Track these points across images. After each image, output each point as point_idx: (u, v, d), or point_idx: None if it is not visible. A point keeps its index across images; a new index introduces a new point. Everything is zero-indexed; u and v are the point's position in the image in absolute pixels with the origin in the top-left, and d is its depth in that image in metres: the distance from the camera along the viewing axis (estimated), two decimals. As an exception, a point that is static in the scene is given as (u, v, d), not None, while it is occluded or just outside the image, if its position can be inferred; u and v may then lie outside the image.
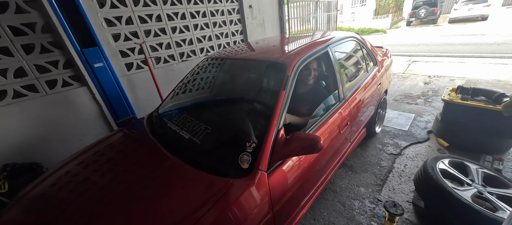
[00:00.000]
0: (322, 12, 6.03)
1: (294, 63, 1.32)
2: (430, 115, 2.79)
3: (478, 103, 1.84)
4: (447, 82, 4.19)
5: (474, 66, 5.62)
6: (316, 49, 1.53)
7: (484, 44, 7.35)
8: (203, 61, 1.97)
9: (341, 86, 1.63)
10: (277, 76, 1.37)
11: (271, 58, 1.51)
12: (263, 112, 1.29)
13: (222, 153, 1.18)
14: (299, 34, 2.34)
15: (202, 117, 1.43)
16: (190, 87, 1.86)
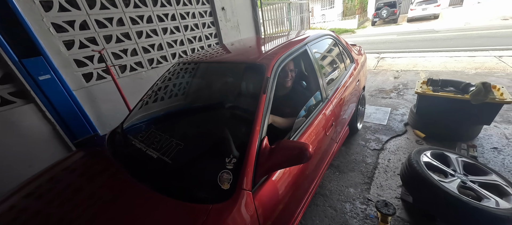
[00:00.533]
0: (295, 14, 6.13)
1: (272, 63, 1.21)
2: (404, 107, 2.92)
3: (448, 94, 1.93)
4: (413, 76, 4.50)
5: (433, 59, 6.17)
6: (295, 48, 1.44)
7: (438, 39, 8.16)
8: (174, 66, 1.76)
9: (323, 86, 1.57)
10: (255, 79, 1.25)
11: (247, 59, 1.40)
12: (243, 121, 1.15)
13: (198, 173, 0.99)
14: (275, 34, 2.30)
15: (173, 131, 1.27)
16: (158, 98, 1.63)
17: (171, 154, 1.07)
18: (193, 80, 1.73)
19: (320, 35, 1.83)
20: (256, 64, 1.26)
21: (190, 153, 1.09)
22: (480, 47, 6.42)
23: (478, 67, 4.92)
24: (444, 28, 10.33)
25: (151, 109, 1.58)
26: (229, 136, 1.06)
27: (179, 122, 1.49)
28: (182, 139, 1.14)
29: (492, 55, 5.70)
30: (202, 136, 1.26)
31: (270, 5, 5.09)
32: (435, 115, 2.08)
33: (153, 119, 1.52)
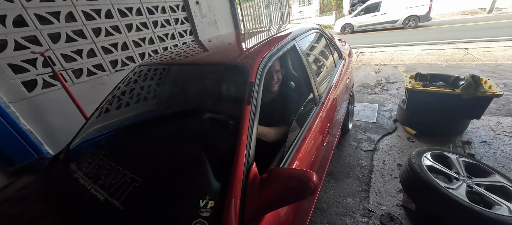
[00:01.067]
0: (274, 10, 5.94)
1: (257, 63, 0.96)
2: (391, 103, 2.89)
3: (439, 89, 1.87)
4: (393, 70, 4.58)
5: (407, 52, 6.42)
6: (282, 44, 1.19)
7: (410, 34, 8.59)
8: (134, 70, 1.41)
9: (315, 86, 1.33)
10: (236, 86, 1.00)
11: (226, 60, 1.12)
12: (221, 144, 0.87)
13: None
14: (257, 28, 1.98)
15: (127, 161, 0.95)
16: (109, 114, 1.26)
17: (123, 195, 0.76)
18: (156, 89, 1.34)
19: (308, 29, 1.60)
20: (237, 66, 0.98)
21: (149, 193, 0.78)
22: (447, 41, 6.83)
23: (449, 59, 5.19)
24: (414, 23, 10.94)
25: (101, 127, 1.21)
26: (203, 168, 0.77)
27: (134, 149, 1.07)
28: (138, 173, 0.83)
29: (459, 47, 6.08)
30: (167, 168, 0.90)
31: (249, 1, 4.83)
32: (425, 110, 2.02)
33: (103, 141, 1.16)
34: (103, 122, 1.24)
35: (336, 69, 1.85)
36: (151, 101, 1.33)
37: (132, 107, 1.27)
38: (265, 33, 1.46)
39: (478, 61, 4.64)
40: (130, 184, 0.79)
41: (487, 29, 7.32)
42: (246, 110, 0.81)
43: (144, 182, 0.79)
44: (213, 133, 0.96)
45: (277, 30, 1.49)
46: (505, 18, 8.54)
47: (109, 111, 1.27)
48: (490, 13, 10.16)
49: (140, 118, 1.27)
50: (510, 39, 5.97)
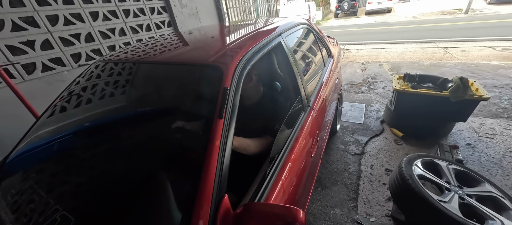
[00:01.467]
0: (262, 3, 5.71)
1: (234, 65, 0.77)
2: (378, 103, 2.85)
3: (428, 91, 1.82)
4: (378, 68, 4.60)
5: (391, 50, 6.54)
6: (267, 41, 1.01)
7: (394, 32, 8.78)
8: (89, 68, 1.18)
9: (303, 89, 1.17)
10: (206, 93, 0.81)
11: (195, 59, 0.90)
12: (182, 171, 0.69)
13: None
14: (240, 22, 1.76)
15: (60, 191, 0.74)
16: (52, 124, 1.03)
17: None
18: (112, 92, 1.07)
19: (295, 24, 1.42)
20: (209, 67, 0.80)
21: None
22: (428, 39, 7.04)
23: (430, 58, 5.34)
24: (397, 21, 11.24)
25: (41, 140, 0.96)
26: (158, 203, 0.60)
27: (72, 174, 0.83)
28: (73, 207, 0.64)
29: (439, 46, 6.29)
30: (108, 205, 0.68)
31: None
32: (413, 112, 1.98)
33: (38, 158, 0.92)
34: (45, 133, 1.00)
35: (325, 69, 1.70)
36: (102, 109, 1.06)
37: (78, 119, 1.03)
38: (249, 27, 1.27)
39: (457, 60, 4.80)
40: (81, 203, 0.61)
41: (463, 29, 7.65)
42: (217, 125, 0.63)
43: (77, 223, 0.59)
44: (174, 154, 0.75)
45: (262, 24, 1.31)
46: (479, 19, 9.00)
47: (54, 119, 1.04)
48: (466, 14, 10.65)
49: (83, 133, 1.01)
50: (484, 40, 6.27)
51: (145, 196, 0.63)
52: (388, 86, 3.25)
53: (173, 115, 0.89)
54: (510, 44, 5.64)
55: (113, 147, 0.90)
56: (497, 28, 7.14)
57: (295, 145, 0.95)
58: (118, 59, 1.08)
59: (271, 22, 1.36)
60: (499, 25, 7.47)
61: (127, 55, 1.09)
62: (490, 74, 3.33)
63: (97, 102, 1.05)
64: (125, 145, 0.90)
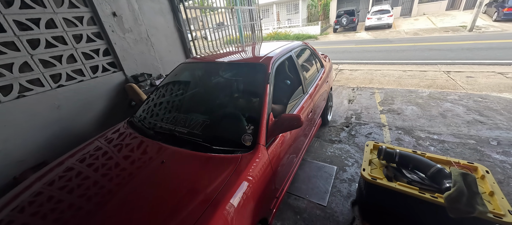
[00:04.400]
0: (243, 21, 5.24)
1: (271, 63, 1.62)
2: (355, 164, 2.15)
3: (411, 190, 1.14)
4: (369, 98, 3.97)
5: (388, 72, 5.93)
6: (284, 52, 1.91)
7: (392, 51, 8.20)
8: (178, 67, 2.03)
9: (303, 83, 1.99)
10: (260, 74, 1.57)
11: (253, 60, 1.82)
12: (256, 101, 1.49)
13: (227, 137, 1.37)
14: (263, 42, 2.74)
15: (197, 113, 1.63)
16: (171, 92, 1.95)
17: (199, 128, 1.39)
18: (204, 77, 2.11)
19: (299, 45, 2.30)
20: (259, 64, 1.65)
21: (217, 125, 1.47)
22: (429, 61, 6.43)
23: (431, 85, 4.70)
24: (397, 38, 10.68)
25: (167, 101, 1.87)
26: (246, 113, 1.47)
27: (200, 107, 1.80)
28: (207, 117, 1.51)
29: (441, 70, 5.66)
30: (225, 114, 1.60)
31: (207, 12, 4.07)
32: (389, 210, 1.31)
33: (173, 107, 1.83)
34: (163, 98, 1.88)
35: (318, 74, 2.51)
36: (203, 84, 2.07)
37: (192, 89, 2.02)
38: (273, 44, 2.19)
39: (462, 90, 4.14)
40: (203, 123, 1.42)
41: (468, 50, 7.03)
42: (266, 86, 1.45)
43: (212, 121, 1.46)
44: (253, 96, 1.59)
45: (281, 44, 2.11)
46: (485, 38, 8.37)
47: (168, 91, 1.94)
48: (470, 32, 10.06)
49: (197, 93, 1.99)
50: (492, 64, 5.62)
51: (243, 111, 1.52)
52: (373, 134, 2.57)
53: (247, 84, 1.79)
54: (522, 71, 4.98)
55: (223, 96, 1.84)
56: (506, 50, 6.49)
57: (301, 105, 1.82)
58: (206, 59, 2.07)
59: (286, 43, 2.18)
60: (508, 46, 6.83)
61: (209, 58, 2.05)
62: (504, 119, 2.63)
63: (199, 80, 2.08)
64: (229, 95, 1.82)
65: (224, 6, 4.17)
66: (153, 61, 3.08)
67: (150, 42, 3.01)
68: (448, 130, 2.46)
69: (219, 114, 1.58)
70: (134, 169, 1.16)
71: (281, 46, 2.00)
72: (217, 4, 3.97)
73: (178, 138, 1.35)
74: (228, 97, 1.77)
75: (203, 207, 0.90)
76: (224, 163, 1.12)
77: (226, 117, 1.53)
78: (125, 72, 2.74)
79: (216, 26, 3.99)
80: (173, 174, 1.12)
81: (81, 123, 2.40)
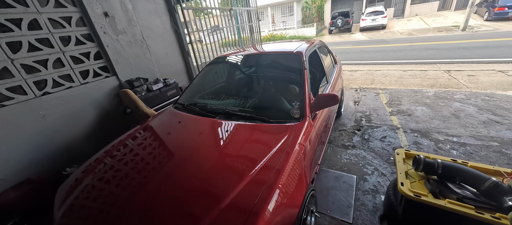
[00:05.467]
0: (241, 22, 5.09)
1: (304, 53, 1.90)
2: (375, 172, 1.95)
3: (467, 210, 0.97)
4: (374, 99, 3.85)
5: (388, 72, 5.86)
6: (311, 47, 2.18)
7: (390, 51, 8.19)
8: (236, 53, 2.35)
9: (326, 73, 2.30)
10: (298, 62, 1.85)
11: (289, 51, 2.05)
12: (298, 83, 1.71)
13: (278, 111, 1.58)
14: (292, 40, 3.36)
15: (246, 95, 1.88)
16: (217, 79, 2.31)
17: (250, 106, 1.64)
18: (246, 66, 2.33)
19: (320, 42, 2.65)
20: (295, 54, 1.93)
21: (267, 103, 1.71)
22: (428, 60, 6.41)
23: (434, 84, 4.63)
24: (392, 38, 10.73)
25: (216, 85, 2.24)
26: (291, 93, 1.70)
27: (248, 90, 2.06)
28: (255, 97, 1.80)
29: (441, 69, 5.62)
30: (273, 94, 1.84)
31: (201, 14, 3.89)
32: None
33: (221, 91, 2.04)
34: (209, 83, 2.25)
35: (334, 69, 2.80)
36: (248, 71, 2.29)
37: (238, 76, 2.30)
38: (304, 42, 2.34)
39: (466, 89, 4.08)
40: (252, 103, 1.67)
41: (464, 49, 7.06)
42: (304, 71, 1.71)
43: (260, 99, 1.72)
44: (293, 79, 1.78)
45: (309, 42, 2.31)
46: (479, 37, 8.47)
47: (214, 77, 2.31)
48: (464, 31, 10.20)
49: (243, 80, 2.26)
50: (491, 62, 5.63)
51: (289, 92, 1.74)
52: (388, 138, 2.44)
53: (284, 72, 2.02)
54: (522, 68, 4.98)
55: (269, 81, 2.05)
56: (502, 48, 6.54)
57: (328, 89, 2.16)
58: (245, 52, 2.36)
59: (312, 41, 2.47)
60: (503, 45, 6.90)
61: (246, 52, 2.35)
62: None
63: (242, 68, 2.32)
64: (274, 81, 2.03)
65: (222, 7, 4.01)
66: (149, 65, 2.87)
67: (145, 44, 2.81)
68: (466, 132, 2.33)
69: (269, 94, 1.85)
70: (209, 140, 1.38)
71: (303, 42, 2.27)
72: (214, 6, 3.80)
73: (239, 115, 1.56)
74: (272, 81, 2.02)
75: (277, 158, 1.12)
76: (282, 130, 1.35)
77: (275, 96, 1.78)
78: (118, 77, 2.52)
79: (214, 28, 3.82)
80: (243, 140, 1.33)
81: (70, 134, 2.16)
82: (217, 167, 1.13)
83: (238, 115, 1.54)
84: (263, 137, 1.34)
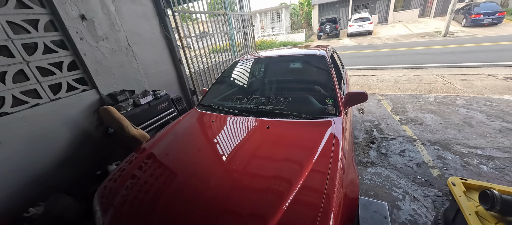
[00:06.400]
0: (236, 27, 4.84)
1: (327, 54, 2.10)
2: (406, 197, 1.67)
3: None
4: (377, 106, 3.72)
5: (383, 77, 5.85)
6: (329, 50, 2.41)
7: (381, 56, 8.32)
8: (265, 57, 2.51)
9: (342, 74, 2.58)
10: (323, 63, 1.99)
11: (313, 53, 2.22)
12: (326, 82, 1.80)
13: (315, 108, 1.65)
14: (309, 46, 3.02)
15: (277, 94, 1.93)
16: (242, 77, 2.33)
17: (284, 104, 1.69)
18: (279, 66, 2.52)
19: (331, 47, 2.68)
20: (319, 55, 2.08)
21: (301, 101, 1.81)
22: (420, 65, 6.50)
23: (431, 89, 4.63)
24: (380, 44, 11.01)
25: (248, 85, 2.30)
26: (322, 92, 1.76)
27: (278, 89, 2.10)
28: (286, 96, 1.82)
29: (433, 73, 5.70)
30: (307, 92, 1.89)
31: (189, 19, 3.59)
32: None
33: (251, 90, 2.20)
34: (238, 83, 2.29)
35: (343, 71, 3.00)
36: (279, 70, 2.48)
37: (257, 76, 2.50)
38: (322, 47, 2.48)
39: (464, 94, 4.07)
40: (285, 101, 1.70)
41: (451, 54, 7.28)
42: (331, 71, 1.83)
43: (293, 98, 1.79)
44: (322, 79, 1.89)
45: (322, 47, 2.44)
46: (461, 42, 8.85)
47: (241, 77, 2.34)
48: (445, 37, 10.66)
49: (270, 80, 2.33)
50: (479, 66, 5.78)
51: (323, 92, 1.77)
52: (407, 151, 2.23)
53: (312, 72, 2.14)
54: (510, 72, 5.12)
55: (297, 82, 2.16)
56: (486, 53, 6.81)
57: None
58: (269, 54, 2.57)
59: (326, 46, 2.56)
60: (486, 49, 7.19)
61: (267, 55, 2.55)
62: None
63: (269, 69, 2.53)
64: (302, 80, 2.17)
65: (216, 11, 3.73)
66: (136, 75, 2.51)
67: (131, 51, 2.45)
68: (487, 143, 2.20)
69: (300, 93, 1.92)
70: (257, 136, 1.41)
71: (321, 47, 2.39)
72: (208, 10, 3.52)
73: (276, 112, 1.62)
74: (302, 81, 2.12)
75: (329, 148, 1.17)
76: (322, 125, 1.40)
77: (307, 95, 1.83)
78: (99, 90, 2.14)
79: (203, 34, 3.53)
80: (291, 135, 1.38)
81: (37, 162, 1.75)
82: (277, 161, 1.16)
83: (276, 113, 1.61)
84: (308, 131, 1.38)
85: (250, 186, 1.01)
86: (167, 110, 2.60)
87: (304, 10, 19.42)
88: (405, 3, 17.00)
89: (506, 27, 10.57)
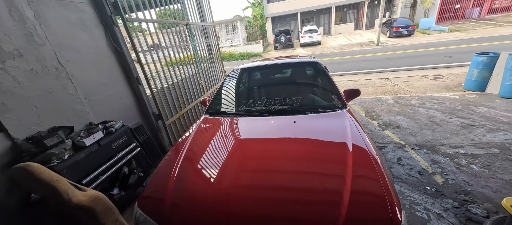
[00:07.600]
0: (199, 39, 4.36)
1: (318, 60, 2.43)
2: (430, 215, 1.55)
3: None
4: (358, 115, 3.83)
5: (342, 83, 6.30)
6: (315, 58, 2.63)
7: (335, 63, 9.11)
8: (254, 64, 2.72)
9: None
10: (319, 67, 2.33)
11: (307, 60, 2.49)
12: (326, 83, 2.13)
13: (325, 103, 1.92)
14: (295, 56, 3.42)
15: (288, 95, 2.05)
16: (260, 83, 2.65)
17: (296, 103, 1.91)
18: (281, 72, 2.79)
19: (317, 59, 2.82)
20: (314, 61, 2.40)
21: (314, 98, 2.06)
22: (369, 70, 7.33)
23: (386, 92, 5.14)
24: (330, 52, 12.20)
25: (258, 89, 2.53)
26: (324, 91, 2.10)
27: (286, 91, 2.28)
28: (297, 95, 2.02)
29: (381, 77, 6.45)
30: (312, 91, 2.20)
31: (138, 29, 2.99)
32: None
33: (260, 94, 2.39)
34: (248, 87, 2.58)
35: None
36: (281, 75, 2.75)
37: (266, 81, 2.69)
38: (308, 56, 2.83)
39: (412, 94, 4.65)
40: (297, 100, 1.92)
41: (389, 60, 8.51)
42: (328, 73, 2.22)
43: (303, 97, 2.01)
44: (321, 80, 2.24)
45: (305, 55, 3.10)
46: (391, 50, 10.55)
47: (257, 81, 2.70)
48: (378, 45, 12.59)
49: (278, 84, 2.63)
50: (413, 69, 6.84)
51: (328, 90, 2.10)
52: (404, 159, 2.21)
53: (311, 75, 2.43)
54: (435, 73, 6.22)
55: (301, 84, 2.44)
56: (413, 58, 8.18)
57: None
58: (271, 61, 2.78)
59: (313, 56, 2.90)
60: (413, 55, 8.67)
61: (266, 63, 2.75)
62: (482, 119, 2.82)
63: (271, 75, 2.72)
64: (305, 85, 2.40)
65: (178, 21, 3.23)
66: (74, 104, 1.80)
67: (64, 72, 1.74)
68: (462, 140, 2.41)
69: (308, 92, 2.16)
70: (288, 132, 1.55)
71: (307, 56, 2.73)
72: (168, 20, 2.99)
73: (292, 110, 1.83)
74: (307, 82, 2.38)
75: (355, 127, 1.45)
76: (338, 115, 1.66)
77: (314, 93, 2.10)
78: (10, 133, 1.39)
79: (169, 46, 2.99)
80: (316, 125, 1.59)
81: None
82: (320, 147, 1.34)
83: (294, 110, 1.80)
84: (329, 120, 1.60)
85: (315, 172, 1.12)
86: (127, 147, 1.95)
87: (258, 23, 20.17)
88: (342, 17, 19.62)
89: (418, 37, 13.22)
